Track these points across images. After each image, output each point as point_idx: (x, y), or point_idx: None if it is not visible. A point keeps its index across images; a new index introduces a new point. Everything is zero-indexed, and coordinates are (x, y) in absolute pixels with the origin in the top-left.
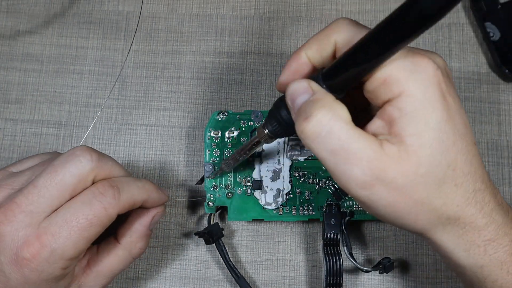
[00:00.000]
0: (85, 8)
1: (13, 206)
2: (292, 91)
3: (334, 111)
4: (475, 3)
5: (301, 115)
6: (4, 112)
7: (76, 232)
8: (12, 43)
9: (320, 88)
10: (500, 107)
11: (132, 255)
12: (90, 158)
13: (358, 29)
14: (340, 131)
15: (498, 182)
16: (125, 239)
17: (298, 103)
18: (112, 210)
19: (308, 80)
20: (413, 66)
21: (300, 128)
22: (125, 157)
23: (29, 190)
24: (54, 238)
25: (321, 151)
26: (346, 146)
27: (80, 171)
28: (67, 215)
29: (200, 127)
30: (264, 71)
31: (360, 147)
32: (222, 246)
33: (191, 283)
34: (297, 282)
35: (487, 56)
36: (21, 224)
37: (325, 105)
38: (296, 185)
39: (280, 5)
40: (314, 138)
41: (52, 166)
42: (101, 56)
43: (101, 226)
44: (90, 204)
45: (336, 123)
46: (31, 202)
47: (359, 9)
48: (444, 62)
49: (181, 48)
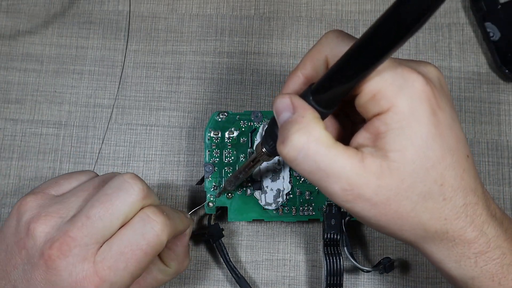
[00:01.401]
0: (85, 8)
1: (68, 240)
2: (275, 107)
3: (310, 133)
4: (475, 3)
5: (279, 137)
6: (4, 112)
7: (132, 263)
8: (12, 43)
9: (302, 105)
10: (500, 107)
11: (179, 272)
12: (142, 185)
13: (346, 41)
14: (315, 154)
15: (498, 182)
16: (174, 263)
17: (280, 121)
18: (164, 237)
19: (290, 96)
20: (402, 81)
21: (279, 150)
22: (125, 157)
23: (83, 222)
24: (113, 272)
25: (301, 171)
26: (323, 167)
27: (133, 199)
28: (121, 247)
29: (200, 127)
30: (264, 71)
31: (338, 166)
32: (222, 246)
33: (191, 283)
34: (297, 282)
35: (487, 56)
36: (76, 258)
37: (300, 128)
38: (296, 185)
39: (280, 5)
40: (292, 160)
41: (105, 195)
42: (101, 56)
43: (154, 254)
44: (142, 232)
45: (311, 146)
46: (86, 234)
47: (359, 9)
48: (439, 73)
49: (181, 48)
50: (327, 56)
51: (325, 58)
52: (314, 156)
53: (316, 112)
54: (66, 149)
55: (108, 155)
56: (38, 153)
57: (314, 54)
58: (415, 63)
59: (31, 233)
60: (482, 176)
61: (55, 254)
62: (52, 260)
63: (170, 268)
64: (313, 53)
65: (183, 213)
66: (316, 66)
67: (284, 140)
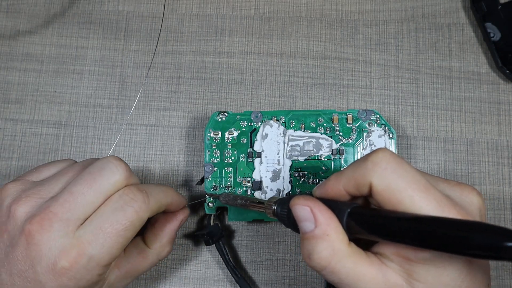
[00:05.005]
0: (85, 8)
1: (50, 215)
2: (296, 212)
3: (334, 253)
4: (475, 3)
5: (304, 249)
6: (4, 112)
7: (111, 238)
8: (12, 43)
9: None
10: (500, 107)
11: (159, 258)
12: (125, 167)
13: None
14: (339, 272)
15: (498, 182)
16: (156, 244)
17: (302, 228)
18: (143, 214)
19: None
20: None
21: (305, 260)
22: (125, 157)
23: (65, 198)
24: (91, 246)
25: (327, 279)
26: (346, 282)
27: (116, 179)
28: (101, 222)
29: (200, 127)
30: (264, 71)
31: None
32: (222, 246)
33: (191, 283)
34: (297, 282)
35: (487, 56)
36: (57, 233)
37: (325, 248)
38: (296, 185)
39: (280, 5)
40: (319, 271)
41: (88, 173)
42: (101, 56)
43: (134, 230)
44: (122, 209)
45: (336, 266)
46: (68, 210)
47: (359, 9)
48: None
49: (181, 48)
50: (371, 183)
51: (369, 184)
52: (339, 274)
53: (340, 226)
54: (66, 149)
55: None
56: (38, 153)
57: (359, 177)
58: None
59: (12, 215)
60: (482, 176)
61: (35, 228)
62: (32, 236)
63: (151, 249)
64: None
65: (179, 194)
66: (359, 189)
67: (310, 256)
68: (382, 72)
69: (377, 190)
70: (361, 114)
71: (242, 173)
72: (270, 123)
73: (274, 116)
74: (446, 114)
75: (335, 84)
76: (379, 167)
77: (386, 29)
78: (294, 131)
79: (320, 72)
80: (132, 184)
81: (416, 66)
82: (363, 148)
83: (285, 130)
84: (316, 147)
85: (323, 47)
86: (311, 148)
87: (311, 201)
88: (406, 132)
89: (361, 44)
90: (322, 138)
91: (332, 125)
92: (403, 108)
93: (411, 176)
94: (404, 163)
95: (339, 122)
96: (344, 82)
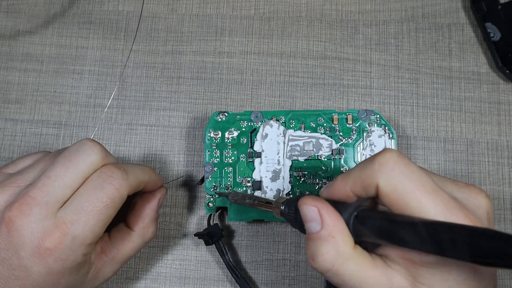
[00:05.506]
0: (85, 8)
1: (28, 200)
2: (303, 212)
3: (339, 255)
4: (475, 3)
5: (308, 250)
6: (4, 112)
7: (93, 216)
8: (12, 43)
9: (332, 222)
10: (500, 107)
11: (145, 239)
12: (101, 147)
13: (403, 175)
14: (344, 275)
15: (498, 182)
16: (138, 225)
17: (308, 229)
18: (123, 191)
19: (319, 207)
20: None
21: (309, 262)
22: (125, 157)
23: (43, 183)
24: (74, 226)
25: (331, 281)
26: (351, 284)
27: (93, 159)
28: (82, 202)
29: (200, 127)
30: (264, 71)
31: (367, 283)
32: (222, 247)
33: (191, 283)
34: (297, 282)
35: (487, 56)
36: (37, 217)
37: (330, 249)
38: (296, 185)
39: (280, 5)
40: (322, 273)
41: (63, 156)
42: (101, 56)
43: (114, 207)
44: (102, 187)
45: (340, 268)
46: (46, 193)
47: (359, 9)
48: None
49: (181, 48)
50: (378, 184)
51: (376, 186)
52: (342, 277)
53: (346, 228)
54: None
55: None
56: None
57: (366, 179)
58: (466, 191)
59: None
60: (482, 176)
61: (14, 214)
62: (12, 222)
63: (134, 231)
64: (365, 177)
65: (150, 168)
66: (366, 190)
67: (314, 257)
68: (382, 72)
69: (383, 192)
70: (361, 114)
71: (242, 173)
72: (270, 123)
73: (274, 116)
74: (446, 114)
75: (335, 84)
76: (386, 168)
77: (386, 29)
78: (294, 131)
79: (320, 72)
80: (110, 163)
81: (416, 66)
82: (363, 148)
83: (285, 130)
84: (316, 147)
85: (323, 47)
86: (311, 148)
87: (319, 201)
88: (406, 132)
89: (361, 44)
90: (322, 138)
91: (332, 125)
92: (403, 108)
93: (418, 178)
94: (412, 164)
95: (339, 122)
96: (344, 82)
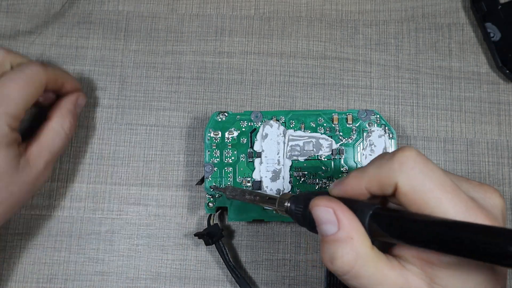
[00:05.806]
0: (85, 8)
1: None
2: (318, 215)
3: (358, 257)
4: (475, 3)
5: (325, 253)
6: None
7: (16, 90)
8: (12, 43)
9: (349, 224)
10: (500, 107)
11: (64, 129)
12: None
13: (423, 174)
14: (362, 277)
15: (498, 182)
16: (56, 114)
17: (322, 231)
18: (41, 75)
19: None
20: None
21: (326, 265)
22: (125, 157)
23: None
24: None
25: (347, 283)
26: (371, 286)
27: None
28: (3, 80)
29: (200, 127)
30: (264, 71)
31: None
32: (222, 247)
33: (191, 283)
34: (297, 282)
35: (487, 56)
36: None
37: (348, 252)
38: (296, 185)
39: (280, 5)
40: (340, 275)
41: None
42: (101, 56)
43: (35, 87)
44: (22, 70)
45: (359, 270)
46: None
47: (359, 9)
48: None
49: (181, 48)
50: (397, 184)
51: (394, 185)
52: (361, 279)
53: (363, 229)
54: (66, 149)
55: (108, 155)
56: None
57: (383, 178)
58: (481, 191)
59: None
60: (482, 176)
61: None
62: None
63: (53, 121)
64: (383, 176)
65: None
66: (383, 189)
67: (332, 260)
68: (382, 72)
69: (402, 191)
70: (361, 114)
71: (242, 173)
72: (270, 123)
73: (274, 116)
74: (446, 114)
75: (335, 84)
76: (406, 167)
77: (386, 29)
78: (294, 131)
79: (320, 72)
80: None
81: (416, 66)
82: (363, 148)
83: (285, 130)
84: (316, 147)
85: (323, 47)
86: (311, 148)
87: (333, 202)
88: (406, 132)
89: (361, 44)
90: (322, 138)
91: (332, 125)
92: (403, 108)
93: (438, 177)
94: (430, 163)
95: (339, 122)
96: (344, 82)
